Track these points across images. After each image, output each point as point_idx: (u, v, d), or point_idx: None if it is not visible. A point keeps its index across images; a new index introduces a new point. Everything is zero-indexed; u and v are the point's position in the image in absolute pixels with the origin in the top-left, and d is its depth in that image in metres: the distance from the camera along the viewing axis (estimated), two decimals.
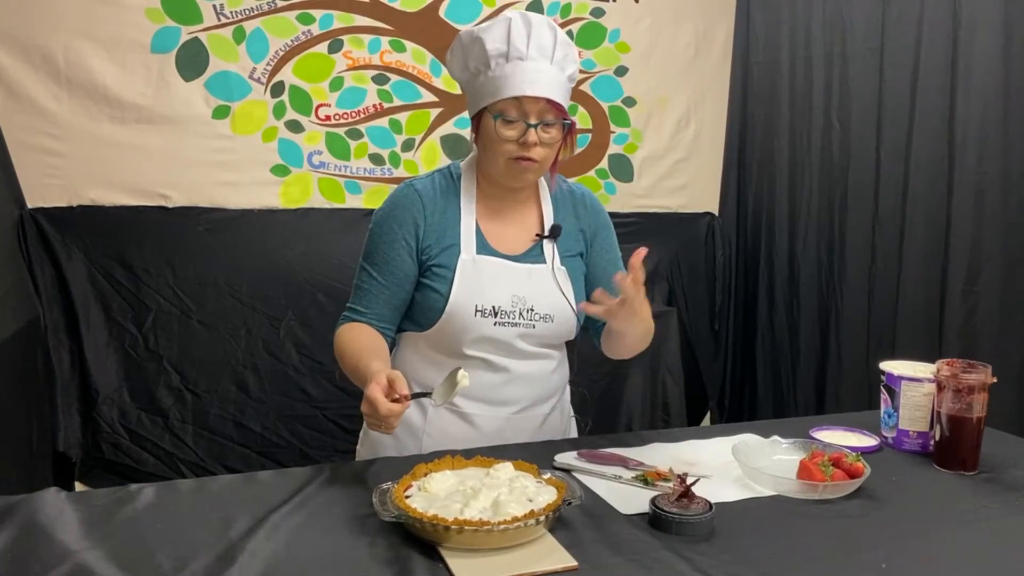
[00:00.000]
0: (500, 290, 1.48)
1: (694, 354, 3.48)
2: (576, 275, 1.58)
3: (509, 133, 1.43)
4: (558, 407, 1.64)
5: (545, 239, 1.55)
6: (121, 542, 1.05)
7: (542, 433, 1.59)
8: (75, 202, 2.69)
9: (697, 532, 1.11)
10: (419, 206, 1.51)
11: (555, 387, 1.61)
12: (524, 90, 1.40)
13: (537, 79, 1.40)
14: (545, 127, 1.43)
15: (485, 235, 1.52)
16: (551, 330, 1.53)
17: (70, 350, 2.74)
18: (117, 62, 2.68)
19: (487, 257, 1.50)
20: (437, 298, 1.47)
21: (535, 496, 1.11)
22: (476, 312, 1.47)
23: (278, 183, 2.91)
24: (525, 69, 1.40)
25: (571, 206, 1.62)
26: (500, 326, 1.48)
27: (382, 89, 3.01)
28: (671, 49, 3.37)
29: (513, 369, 1.52)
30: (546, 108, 1.42)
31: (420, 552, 1.04)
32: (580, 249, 1.61)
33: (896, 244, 2.78)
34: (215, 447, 2.85)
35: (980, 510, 1.24)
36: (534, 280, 1.51)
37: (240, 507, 1.16)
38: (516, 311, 1.49)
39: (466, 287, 1.47)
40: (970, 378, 1.38)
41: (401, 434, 1.55)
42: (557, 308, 1.52)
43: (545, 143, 1.44)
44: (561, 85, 1.44)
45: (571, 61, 1.47)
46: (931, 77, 2.64)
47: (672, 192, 3.47)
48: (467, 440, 1.51)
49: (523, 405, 1.55)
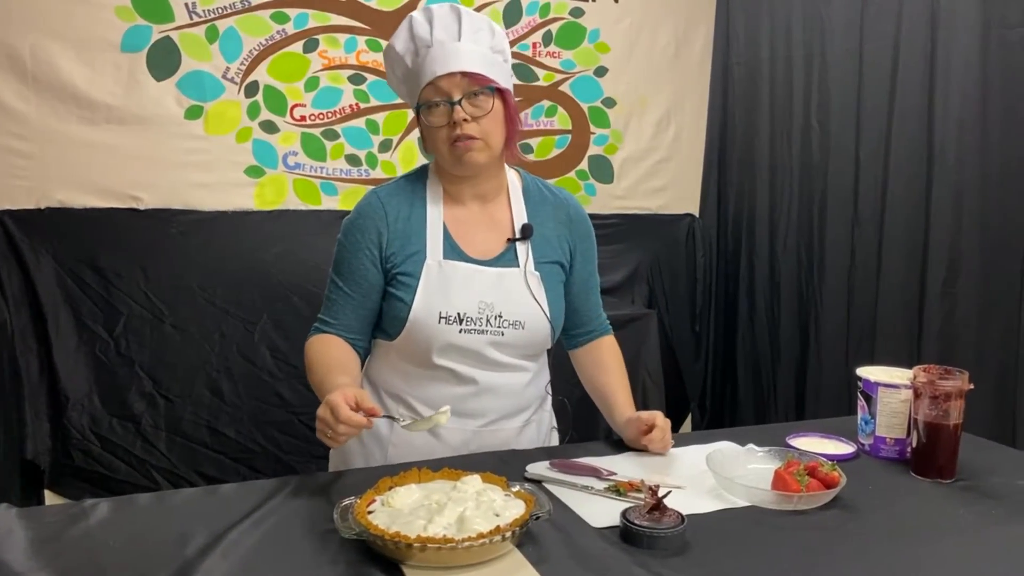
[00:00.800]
0: (466, 296, 1.44)
1: (675, 356, 3.47)
2: (552, 282, 1.52)
3: (437, 119, 1.41)
4: (534, 421, 1.59)
5: (518, 242, 1.51)
6: (70, 561, 1.01)
7: (515, 447, 1.53)
8: (43, 204, 2.64)
9: (669, 546, 1.08)
10: (381, 214, 1.47)
11: (528, 400, 1.56)
12: (435, 71, 1.38)
13: (447, 57, 1.38)
14: (471, 99, 1.40)
15: (455, 238, 1.48)
16: (522, 338, 1.48)
17: (38, 355, 2.69)
18: (86, 61, 2.63)
19: (454, 262, 1.46)
20: (401, 307, 1.43)
21: (502, 511, 1.08)
22: (440, 319, 1.42)
23: (252, 184, 2.87)
24: (434, 55, 1.39)
25: (551, 209, 1.56)
26: (466, 333, 1.44)
27: (359, 89, 2.97)
28: (651, 49, 3.35)
29: (481, 381, 1.47)
30: (465, 81, 1.39)
31: (382, 570, 1.00)
32: (559, 258, 1.55)
33: (875, 245, 2.77)
34: (189, 453, 2.81)
35: (957, 520, 1.22)
36: (504, 285, 1.47)
37: (199, 523, 1.12)
38: (483, 318, 1.44)
39: (430, 294, 1.43)
40: (947, 385, 1.35)
41: (368, 442, 1.52)
42: (528, 315, 1.47)
43: (477, 116, 1.40)
44: (478, 56, 1.40)
45: (486, 33, 1.43)
46: (909, 78, 2.63)
47: (652, 193, 3.45)
48: (432, 452, 1.46)
49: (491, 418, 1.51)
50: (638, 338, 3.02)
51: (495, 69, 1.42)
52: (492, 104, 1.41)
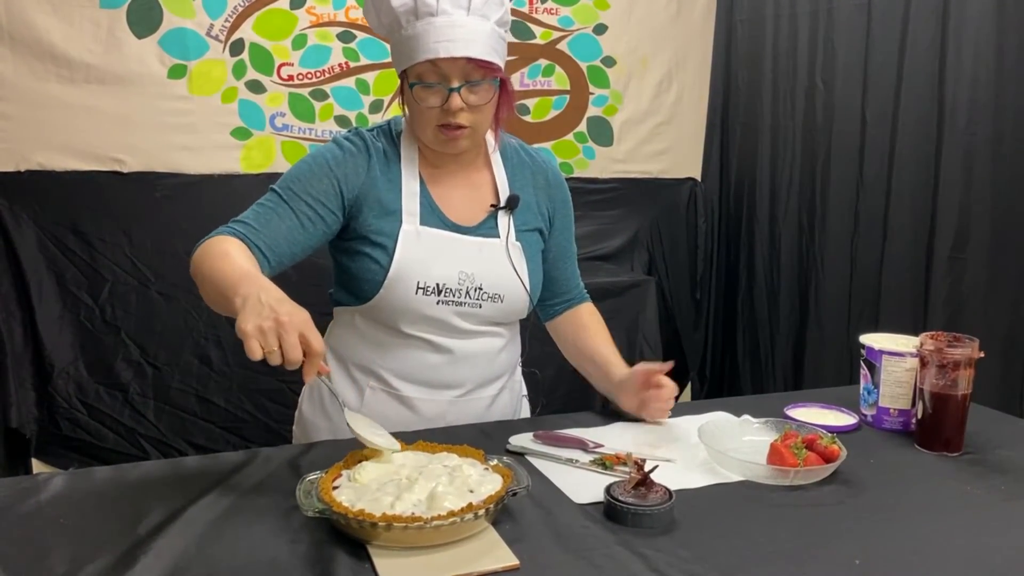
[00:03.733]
0: (446, 266, 1.35)
1: (675, 324, 3.40)
2: (532, 251, 1.45)
3: (430, 100, 1.29)
4: (507, 387, 1.52)
5: (501, 210, 1.42)
6: (14, 540, 0.95)
7: (489, 416, 1.47)
8: (23, 167, 2.56)
9: (655, 524, 1.02)
10: (365, 157, 1.36)
11: (503, 367, 1.48)
12: (438, 51, 1.24)
13: (453, 36, 1.24)
14: (471, 88, 1.27)
15: (435, 199, 1.39)
16: (500, 310, 1.40)
17: (22, 322, 2.63)
18: (63, 18, 2.53)
19: (433, 229, 1.36)
20: (377, 270, 1.34)
21: (477, 486, 1.01)
22: (418, 290, 1.34)
23: (239, 147, 2.78)
24: (438, 26, 1.24)
25: (530, 175, 1.48)
26: (443, 304, 1.36)
27: (348, 47, 2.86)
28: (652, 6, 3.23)
29: (456, 350, 1.39)
30: (469, 67, 1.26)
31: (347, 551, 0.94)
32: (539, 225, 1.47)
33: (881, 209, 2.68)
34: (177, 422, 2.76)
35: (963, 496, 1.15)
36: (485, 256, 1.38)
37: (156, 498, 1.05)
38: (463, 289, 1.36)
39: (408, 261, 1.33)
40: (955, 353, 1.28)
41: (335, 415, 1.41)
42: (508, 287, 1.39)
43: (474, 106, 1.29)
44: (485, 37, 1.26)
45: (495, 5, 1.28)
46: (920, 34, 2.52)
47: (653, 157, 3.35)
48: (406, 425, 1.38)
49: (468, 388, 1.43)
50: (637, 305, 2.94)
51: (499, 48, 1.29)
52: (492, 95, 1.31)
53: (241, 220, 1.29)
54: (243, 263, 1.17)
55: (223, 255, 1.18)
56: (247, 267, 1.15)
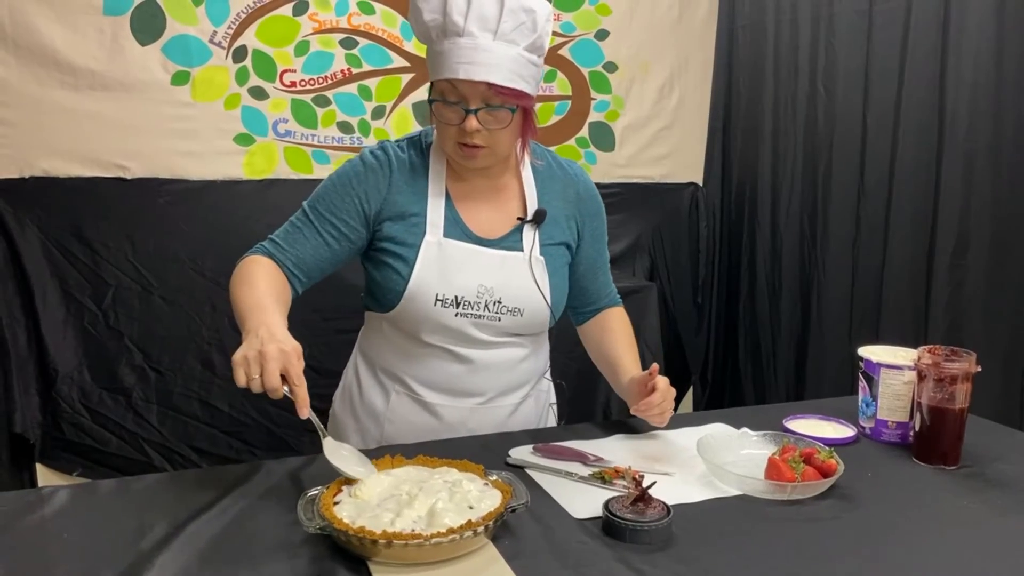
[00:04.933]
0: (466, 278, 1.36)
1: (676, 329, 3.40)
2: (556, 265, 1.45)
3: (449, 117, 1.30)
4: (532, 396, 1.53)
5: (527, 223, 1.42)
6: (19, 554, 0.96)
7: (512, 423, 1.48)
8: (27, 173, 2.57)
9: (653, 540, 1.02)
10: (387, 171, 1.38)
11: (526, 376, 1.49)
12: (458, 73, 1.24)
13: (475, 59, 1.24)
14: (490, 111, 1.27)
15: (459, 212, 1.40)
16: (519, 323, 1.41)
17: (26, 327, 2.63)
18: (68, 24, 2.53)
19: (455, 241, 1.37)
20: (397, 280, 1.36)
21: (477, 502, 1.02)
22: (436, 301, 1.35)
23: (242, 153, 2.79)
24: (461, 47, 1.24)
25: (560, 187, 1.48)
26: (462, 317, 1.37)
27: (350, 54, 2.87)
28: (654, 12, 3.23)
29: (477, 359, 1.41)
30: (489, 92, 1.26)
31: (347, 567, 0.95)
32: (566, 239, 1.47)
33: (882, 215, 2.68)
34: (180, 427, 2.77)
35: (960, 511, 1.16)
36: (507, 269, 1.39)
37: (159, 512, 1.07)
38: (481, 302, 1.37)
39: (429, 272, 1.35)
40: (953, 367, 1.28)
41: (364, 417, 1.47)
42: (528, 302, 1.40)
43: (491, 128, 1.29)
44: (509, 63, 1.25)
45: (526, 31, 1.26)
46: (921, 41, 2.52)
47: (655, 161, 3.35)
48: (430, 430, 1.42)
49: (489, 396, 1.45)
50: (638, 311, 2.94)
51: (525, 74, 1.28)
52: (510, 120, 1.30)
53: (273, 239, 1.36)
54: (259, 294, 1.23)
55: (247, 282, 1.26)
56: (261, 298, 1.21)
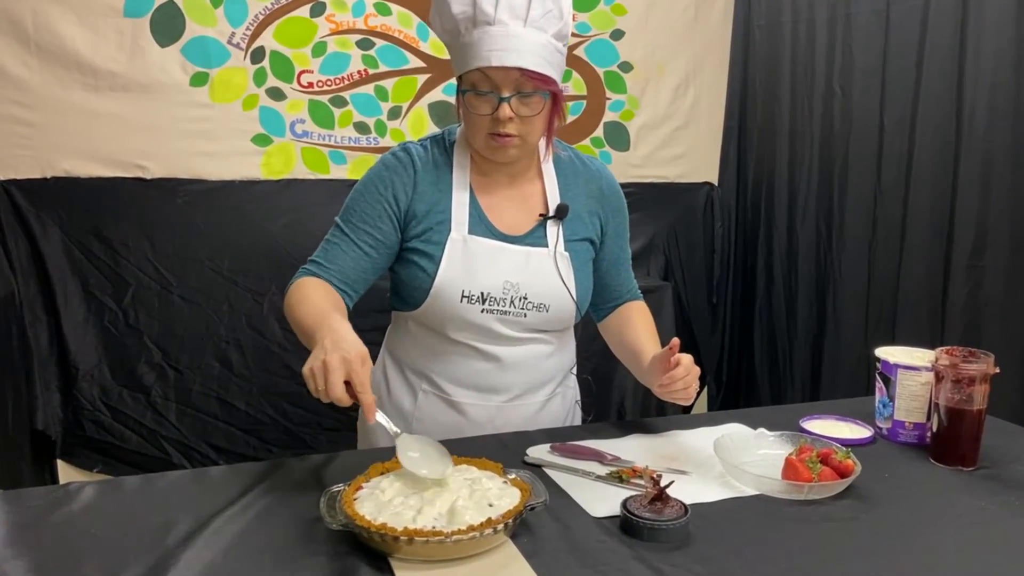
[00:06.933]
0: (491, 275, 1.38)
1: (691, 329, 3.40)
2: (581, 261, 1.46)
3: (481, 107, 1.31)
4: (559, 393, 1.54)
5: (550, 219, 1.44)
6: (49, 550, 0.98)
7: (539, 421, 1.49)
8: (49, 173, 2.60)
9: (670, 539, 1.03)
10: (411, 172, 1.39)
11: (552, 372, 1.50)
12: (490, 60, 1.26)
13: (506, 46, 1.26)
14: (522, 99, 1.30)
15: (484, 209, 1.41)
16: (545, 319, 1.42)
17: (47, 326, 2.67)
18: (89, 27, 2.57)
19: (480, 238, 1.39)
20: (424, 278, 1.37)
21: (497, 500, 1.03)
22: (463, 298, 1.37)
23: (259, 153, 2.81)
24: (492, 35, 1.26)
25: (583, 183, 1.49)
26: (488, 313, 1.38)
27: (367, 54, 2.89)
28: (669, 12, 3.23)
29: (503, 356, 1.42)
30: (522, 78, 1.28)
31: (368, 563, 0.96)
32: (590, 234, 1.48)
33: (899, 216, 2.67)
34: (198, 424, 2.80)
35: (978, 512, 1.16)
36: (532, 265, 1.40)
37: (183, 509, 1.08)
38: (507, 299, 1.38)
39: (454, 269, 1.37)
40: (971, 368, 1.28)
41: (392, 414, 1.46)
42: (554, 297, 1.41)
43: (524, 116, 1.31)
44: (540, 49, 1.28)
45: (553, 18, 1.29)
46: (938, 40, 2.51)
47: (670, 161, 3.36)
48: (456, 428, 1.43)
49: (515, 393, 1.46)
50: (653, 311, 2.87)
51: (553, 61, 1.31)
52: (542, 107, 1.32)
53: (313, 259, 1.39)
54: (318, 306, 1.25)
55: (302, 300, 1.28)
56: (323, 309, 1.23)
